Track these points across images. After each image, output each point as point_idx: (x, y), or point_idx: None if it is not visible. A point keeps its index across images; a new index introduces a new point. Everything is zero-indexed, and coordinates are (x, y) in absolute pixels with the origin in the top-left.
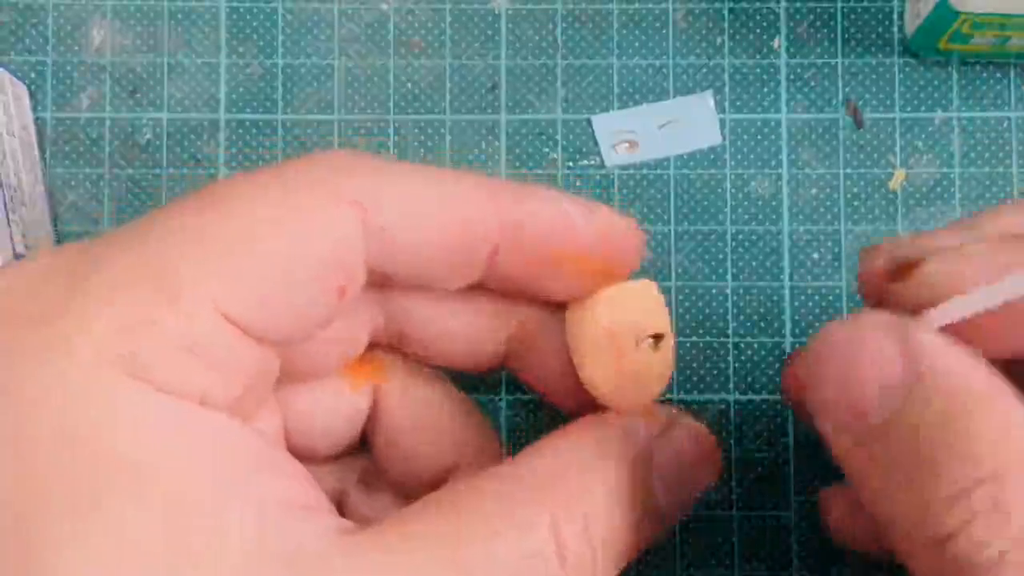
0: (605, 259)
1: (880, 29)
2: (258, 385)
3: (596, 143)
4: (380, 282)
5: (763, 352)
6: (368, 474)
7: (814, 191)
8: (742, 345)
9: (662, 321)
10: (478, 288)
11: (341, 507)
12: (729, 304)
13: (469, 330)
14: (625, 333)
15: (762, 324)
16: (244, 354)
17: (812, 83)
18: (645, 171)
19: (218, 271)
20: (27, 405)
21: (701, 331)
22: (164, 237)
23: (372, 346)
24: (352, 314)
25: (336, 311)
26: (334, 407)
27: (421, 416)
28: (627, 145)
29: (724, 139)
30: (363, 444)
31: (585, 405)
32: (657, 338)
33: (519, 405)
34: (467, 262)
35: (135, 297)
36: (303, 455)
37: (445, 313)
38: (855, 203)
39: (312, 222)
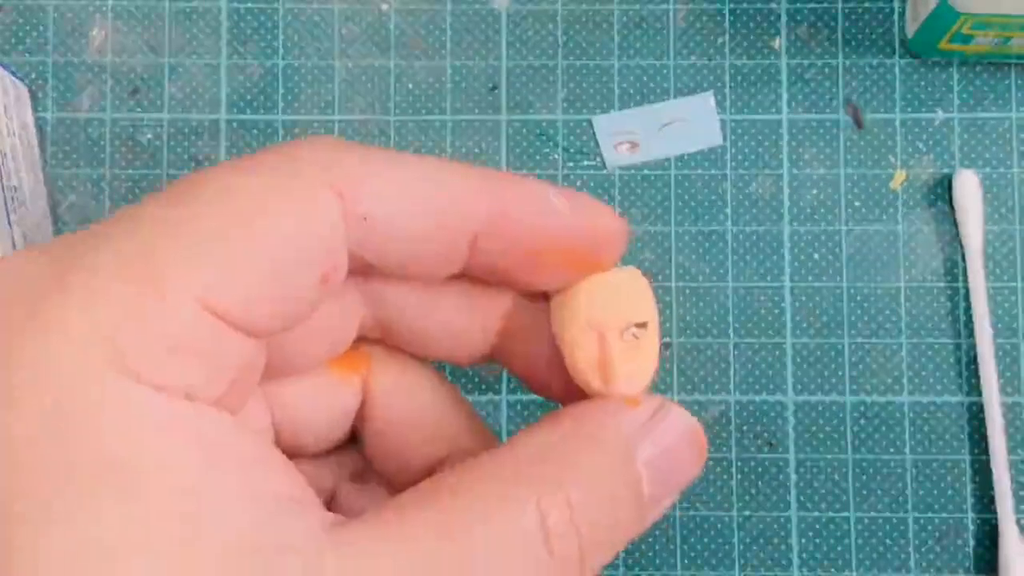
0: (588, 248)
1: (881, 30)
2: (244, 378)
3: (597, 144)
4: (362, 270)
5: (764, 352)
6: (359, 469)
7: (815, 191)
8: (743, 346)
9: (648, 309)
10: (464, 279)
11: (332, 502)
12: (730, 304)
13: (456, 322)
14: (609, 322)
15: (763, 325)
16: (229, 346)
17: (813, 84)
18: (646, 172)
19: (201, 262)
20: (10, 399)
21: (702, 331)
22: (146, 229)
23: (360, 341)
24: (338, 306)
25: (319, 300)
26: (323, 401)
27: (411, 408)
28: (628, 146)
29: (725, 139)
30: (354, 439)
31: (574, 395)
32: (643, 327)
33: (519, 405)
34: (449, 251)
35: (118, 291)
36: (293, 451)
37: (431, 305)
38: (856, 203)
39: (294, 209)
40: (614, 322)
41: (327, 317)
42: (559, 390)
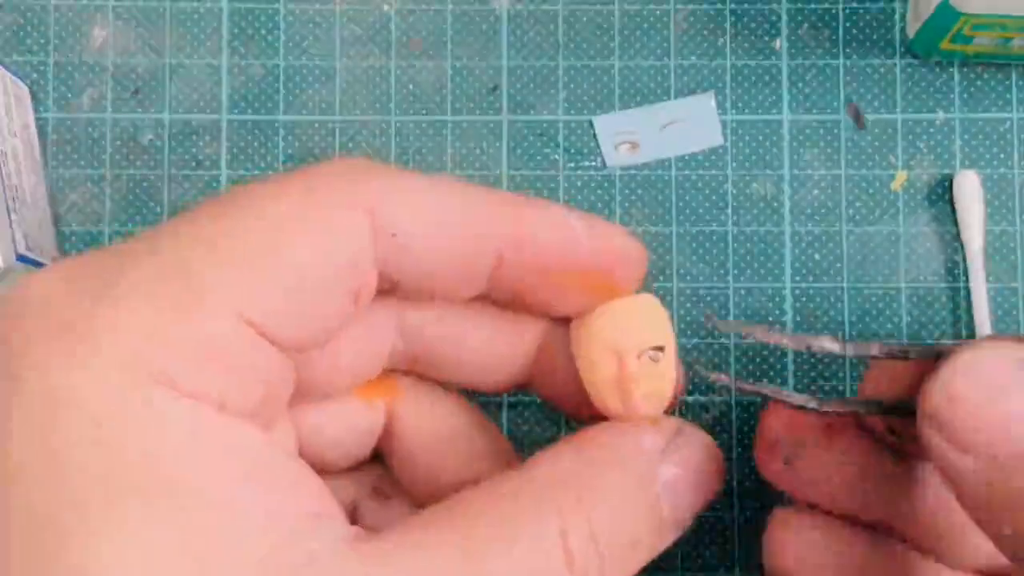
0: (606, 272)
1: (882, 30)
2: (275, 394)
3: (597, 144)
4: (388, 288)
5: (764, 353)
6: (380, 484)
7: (815, 192)
8: (743, 346)
9: (664, 334)
10: (493, 309)
11: (353, 517)
12: (730, 305)
13: (486, 351)
14: (627, 345)
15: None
16: (263, 360)
17: (813, 84)
18: (646, 172)
19: (238, 277)
20: (55, 409)
21: (702, 332)
22: (185, 244)
23: (389, 371)
24: (369, 333)
25: (350, 316)
26: (348, 423)
27: (436, 433)
28: (628, 146)
29: (725, 140)
30: (375, 455)
31: (599, 417)
32: (660, 350)
33: (520, 406)
34: (472, 269)
35: (158, 304)
36: (315, 467)
37: (463, 335)
38: (856, 204)
39: (328, 228)
40: (632, 345)
41: (357, 343)
42: (584, 411)
